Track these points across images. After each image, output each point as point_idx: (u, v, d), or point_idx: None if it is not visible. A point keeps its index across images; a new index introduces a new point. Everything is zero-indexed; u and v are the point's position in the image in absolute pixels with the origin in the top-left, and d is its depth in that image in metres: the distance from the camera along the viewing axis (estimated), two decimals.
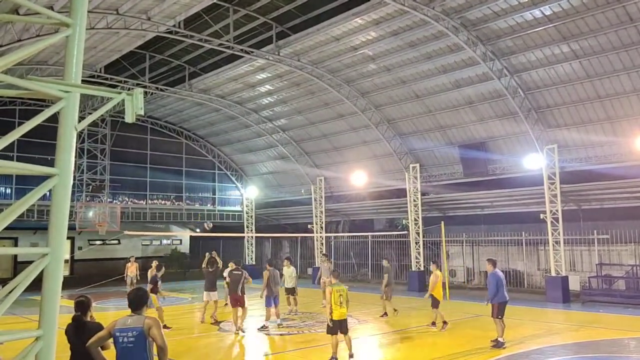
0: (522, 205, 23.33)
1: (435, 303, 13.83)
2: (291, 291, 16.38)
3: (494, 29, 17.90)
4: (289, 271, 16.16)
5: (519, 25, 17.40)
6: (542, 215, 19.96)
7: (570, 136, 19.93)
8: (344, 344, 10.36)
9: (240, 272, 13.54)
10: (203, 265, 16.31)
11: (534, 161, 20.07)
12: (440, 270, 14.58)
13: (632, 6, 15.45)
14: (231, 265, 14.82)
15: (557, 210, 19.48)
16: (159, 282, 14.44)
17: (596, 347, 11.56)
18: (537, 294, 20.92)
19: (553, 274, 19.55)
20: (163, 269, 14.79)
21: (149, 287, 13.89)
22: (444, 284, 14.85)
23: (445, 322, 13.71)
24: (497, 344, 11.37)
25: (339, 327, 10.10)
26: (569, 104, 19.26)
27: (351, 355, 10.23)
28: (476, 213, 26.03)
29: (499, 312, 11.50)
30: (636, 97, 17.78)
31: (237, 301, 13.34)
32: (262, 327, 13.87)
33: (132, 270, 21.75)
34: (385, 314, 15.95)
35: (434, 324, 13.98)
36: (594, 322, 14.78)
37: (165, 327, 13.38)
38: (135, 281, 21.33)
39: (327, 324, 10.25)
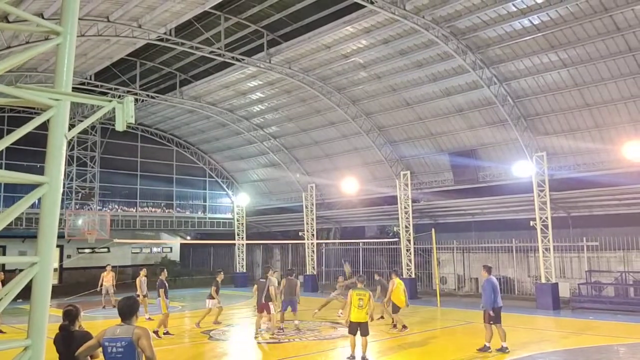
0: (512, 212, 23.45)
1: (395, 309, 14.61)
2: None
3: (483, 38, 18.06)
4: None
5: (508, 35, 17.57)
6: (531, 223, 20.07)
7: (559, 144, 20.11)
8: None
9: (264, 281, 13.88)
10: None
11: (524, 168, 20.20)
12: (400, 278, 15.22)
13: (618, 15, 15.66)
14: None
15: (546, 218, 19.60)
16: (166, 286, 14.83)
17: (586, 353, 11.61)
18: (528, 300, 20.99)
19: (543, 280, 19.64)
20: (165, 271, 15.36)
21: (159, 292, 14.35)
22: (434, 290, 15.14)
23: (400, 326, 14.48)
24: (485, 349, 11.50)
25: (357, 328, 10.80)
26: (558, 112, 19.44)
27: (364, 358, 10.81)
28: (467, 220, 26.12)
29: (491, 317, 11.59)
30: (624, 105, 17.99)
31: (262, 308, 13.76)
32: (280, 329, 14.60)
33: (108, 279, 20.97)
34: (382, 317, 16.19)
35: (404, 326, 14.52)
36: (584, 329, 14.85)
37: (167, 333, 13.66)
38: (112, 292, 20.76)
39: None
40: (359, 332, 10.85)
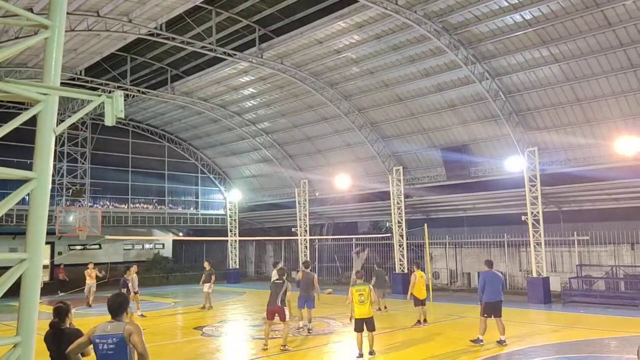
0: (503, 207, 23.57)
1: (417, 302, 14.59)
2: None
3: (475, 33, 18.08)
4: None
5: (500, 30, 17.60)
6: (523, 217, 20.18)
7: (550, 139, 20.20)
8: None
9: (282, 282, 12.21)
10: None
11: (515, 163, 20.30)
12: (422, 271, 15.36)
13: (610, 11, 15.72)
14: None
15: (538, 212, 19.70)
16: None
17: (577, 347, 11.69)
18: (519, 295, 21.11)
19: (534, 275, 19.76)
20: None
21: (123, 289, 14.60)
22: (427, 286, 15.34)
23: (425, 321, 14.54)
24: (477, 341, 11.70)
25: (363, 325, 10.63)
26: (549, 107, 19.52)
27: (372, 352, 10.72)
28: (459, 215, 26.22)
29: (485, 311, 11.78)
30: (614, 100, 18.09)
31: (274, 314, 11.93)
32: (299, 328, 14.08)
33: (91, 277, 21.02)
34: (379, 309, 16.47)
35: (419, 322, 14.54)
36: (575, 323, 14.95)
37: None
38: (93, 290, 20.70)
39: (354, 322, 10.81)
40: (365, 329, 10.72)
